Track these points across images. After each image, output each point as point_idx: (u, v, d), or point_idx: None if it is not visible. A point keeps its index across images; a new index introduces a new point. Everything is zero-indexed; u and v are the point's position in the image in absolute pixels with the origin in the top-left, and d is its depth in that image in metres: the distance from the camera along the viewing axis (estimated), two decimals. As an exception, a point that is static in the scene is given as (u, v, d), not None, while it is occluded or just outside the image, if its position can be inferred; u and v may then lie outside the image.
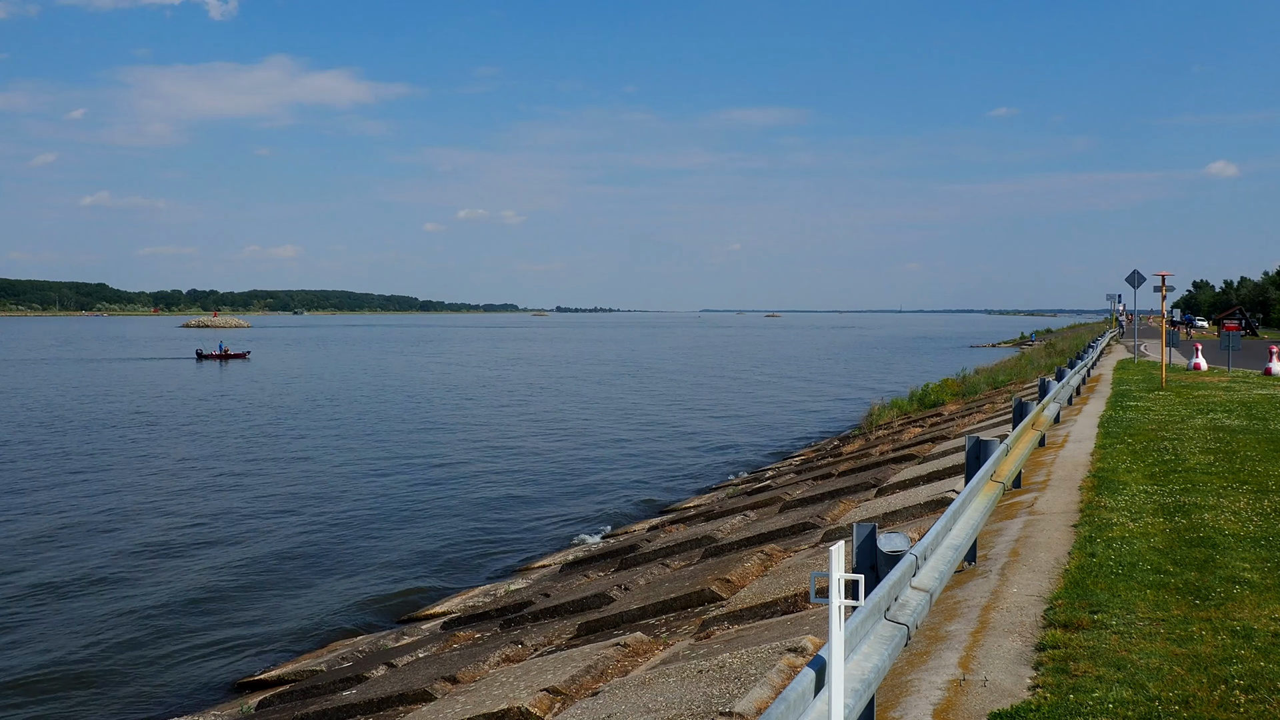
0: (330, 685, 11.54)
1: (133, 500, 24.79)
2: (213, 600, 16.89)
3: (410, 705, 9.36)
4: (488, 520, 22.91)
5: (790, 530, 13.90)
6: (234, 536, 21.20)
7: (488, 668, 9.96)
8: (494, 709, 7.77)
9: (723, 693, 6.49)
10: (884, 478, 17.23)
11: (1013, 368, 45.33)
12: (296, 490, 26.45)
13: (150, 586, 17.58)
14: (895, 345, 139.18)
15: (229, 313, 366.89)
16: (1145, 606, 7.19)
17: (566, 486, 27.22)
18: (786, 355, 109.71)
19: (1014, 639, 6.69)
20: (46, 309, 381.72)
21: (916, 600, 5.70)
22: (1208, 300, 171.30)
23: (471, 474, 29.21)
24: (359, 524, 22.46)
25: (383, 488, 26.87)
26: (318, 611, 16.38)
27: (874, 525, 5.94)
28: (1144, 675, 5.83)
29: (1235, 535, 9.35)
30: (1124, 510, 10.60)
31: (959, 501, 7.61)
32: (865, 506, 14.43)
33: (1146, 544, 9.03)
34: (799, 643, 7.18)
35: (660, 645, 9.11)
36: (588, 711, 6.98)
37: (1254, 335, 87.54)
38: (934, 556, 6.56)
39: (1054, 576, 8.16)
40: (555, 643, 10.85)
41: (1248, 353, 48.09)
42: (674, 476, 29.02)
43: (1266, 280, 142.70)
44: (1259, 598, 7.39)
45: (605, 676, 8.27)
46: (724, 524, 16.58)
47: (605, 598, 12.42)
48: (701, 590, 10.81)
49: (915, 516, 12.34)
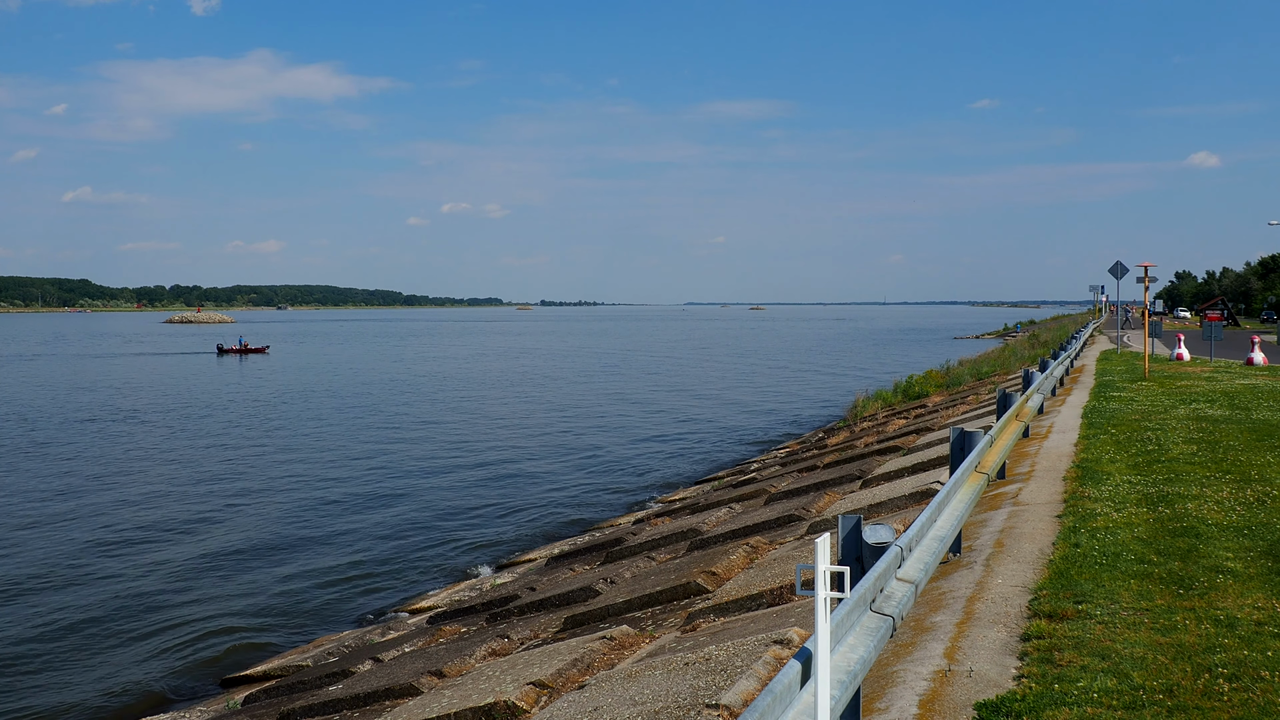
0: (316, 680, 11.49)
1: (125, 493, 24.64)
2: (198, 596, 16.80)
3: (396, 700, 9.33)
4: (472, 514, 22.86)
5: (776, 522, 13.91)
6: (221, 531, 21.11)
7: (474, 662, 9.94)
8: (480, 703, 7.75)
9: (709, 685, 6.49)
10: (869, 469, 17.26)
11: (996, 359, 45.44)
12: (285, 484, 26.34)
13: (136, 580, 17.48)
14: (879, 337, 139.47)
15: (212, 308, 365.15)
16: (1129, 596, 7.22)
17: (552, 480, 27.19)
18: (771, 347, 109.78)
19: (999, 629, 6.71)
20: (29, 305, 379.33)
21: (902, 592, 5.71)
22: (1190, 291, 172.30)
23: (456, 468, 29.15)
24: (345, 518, 22.39)
25: (370, 482, 26.79)
26: (304, 607, 16.33)
27: (859, 517, 5.94)
28: (1128, 664, 5.85)
29: (1218, 525, 9.40)
30: (1108, 501, 10.64)
31: (944, 493, 7.62)
32: (850, 498, 14.45)
33: (1130, 534, 9.07)
34: (785, 635, 7.19)
35: (646, 638, 9.11)
36: (574, 704, 6.97)
37: (1236, 325, 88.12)
38: (919, 548, 6.57)
39: (1039, 567, 8.18)
40: (541, 636, 10.83)
41: (1230, 343, 48.40)
42: (659, 469, 29.02)
43: (1249, 271, 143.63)
44: (1242, 587, 7.42)
45: (592, 669, 8.26)
46: (709, 517, 16.59)
47: (591, 591, 12.41)
48: (687, 583, 10.80)
49: (900, 508, 12.37)
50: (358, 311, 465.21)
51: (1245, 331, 69.19)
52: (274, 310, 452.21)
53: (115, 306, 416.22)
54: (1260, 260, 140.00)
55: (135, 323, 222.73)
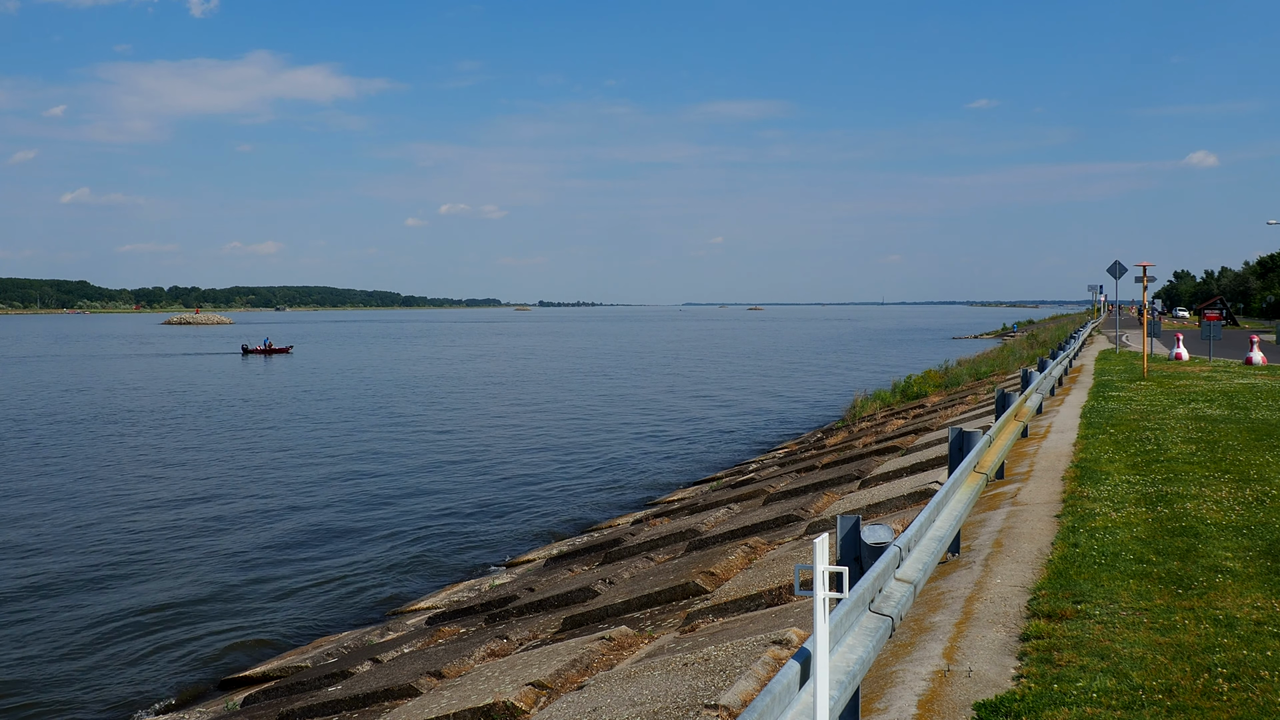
0: (315, 681, 11.49)
1: (130, 495, 24.62)
2: (197, 597, 16.79)
3: (395, 700, 9.33)
4: (471, 516, 22.85)
5: (774, 523, 13.90)
6: (219, 533, 21.09)
7: (473, 662, 9.93)
8: (479, 703, 7.74)
9: (708, 685, 6.48)
10: (867, 470, 17.26)
11: (995, 359, 45.43)
12: (284, 485, 26.33)
13: (135, 582, 17.47)
14: (877, 337, 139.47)
15: (210, 309, 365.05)
16: (1128, 596, 7.21)
17: (550, 480, 27.18)
18: (769, 347, 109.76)
19: (998, 629, 6.71)
20: (27, 307, 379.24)
21: (900, 592, 5.70)
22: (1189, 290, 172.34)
23: (454, 470, 29.13)
24: (344, 519, 22.37)
25: (368, 484, 26.77)
26: (303, 608, 16.32)
27: (858, 517, 5.93)
28: (1127, 664, 5.85)
29: (1217, 524, 9.39)
30: (1107, 500, 10.64)
31: (942, 493, 7.61)
32: (849, 499, 14.44)
33: (1129, 534, 9.07)
34: (784, 635, 7.18)
35: (645, 639, 9.10)
36: (573, 705, 6.96)
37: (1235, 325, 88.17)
38: (918, 548, 6.56)
39: (1037, 567, 8.18)
40: (540, 637, 10.83)
41: (1229, 342, 48.44)
42: (658, 470, 29.01)
43: (1247, 270, 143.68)
44: (1241, 586, 7.42)
45: (590, 670, 8.25)
46: (708, 517, 16.58)
47: (590, 592, 12.41)
48: (686, 583, 10.80)
49: (899, 508, 12.36)
50: (356, 313, 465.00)
51: (1244, 331, 69.23)
52: (272, 311, 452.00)
53: (113, 308, 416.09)
54: (1259, 260, 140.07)
55: (134, 324, 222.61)
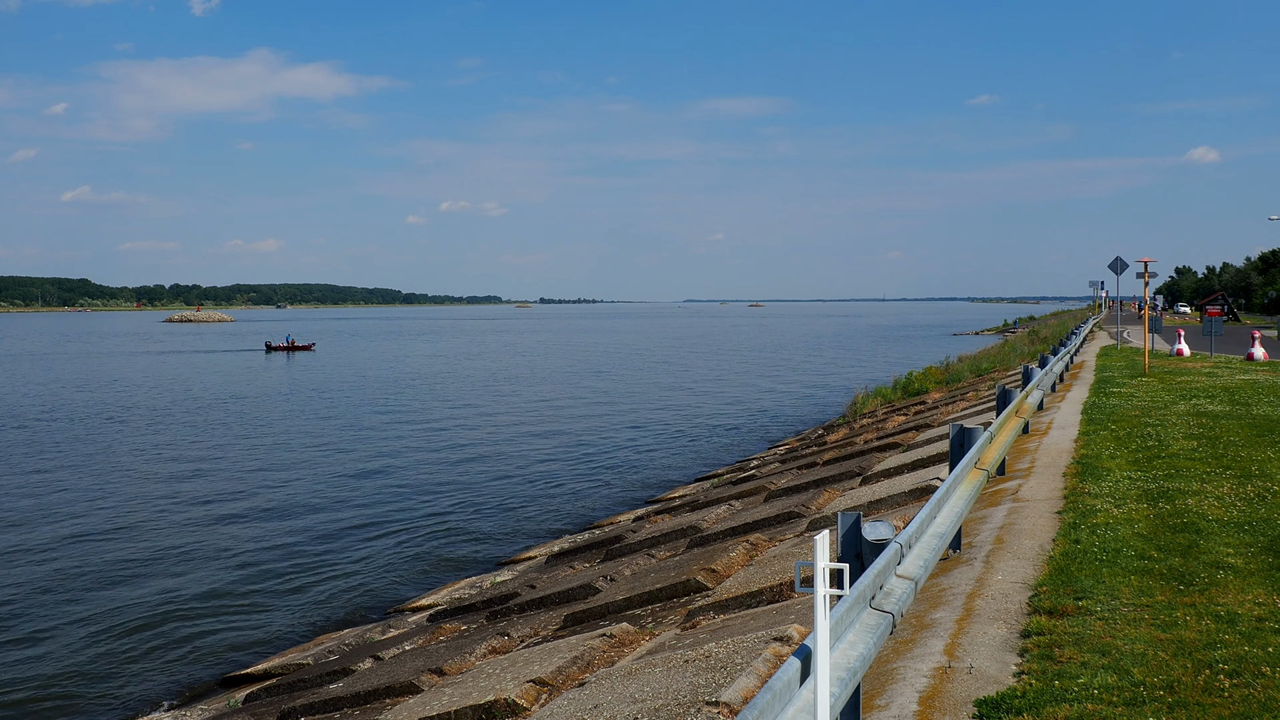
0: (317, 678, 11.49)
1: (131, 495, 24.64)
2: (199, 595, 16.80)
3: (397, 697, 9.33)
4: (472, 513, 22.85)
5: (775, 519, 13.90)
6: (220, 530, 21.10)
7: (474, 659, 9.93)
8: (481, 700, 7.75)
9: (709, 682, 6.48)
10: (868, 466, 17.25)
11: (996, 355, 45.42)
12: (286, 484, 26.34)
13: (136, 579, 17.48)
14: (879, 333, 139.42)
15: (211, 307, 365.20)
16: (1130, 592, 7.20)
17: (551, 477, 27.18)
18: (770, 344, 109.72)
19: (999, 626, 6.70)
20: (29, 305, 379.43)
21: (901, 588, 5.70)
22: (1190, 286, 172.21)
23: (456, 467, 29.13)
24: (345, 517, 22.37)
25: (370, 482, 26.78)
26: (304, 605, 16.33)
27: (859, 514, 5.92)
28: (1129, 661, 5.84)
29: (1219, 520, 9.39)
30: (1108, 496, 10.63)
31: (943, 489, 7.61)
32: (850, 495, 14.43)
33: (1130, 530, 9.06)
34: (785, 632, 7.18)
35: (646, 635, 9.10)
36: (574, 702, 6.96)
37: (1236, 320, 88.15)
38: (919, 544, 6.56)
39: (1039, 563, 8.17)
40: (541, 634, 10.83)
41: (1230, 338, 48.39)
42: (659, 467, 29.01)
43: (1249, 266, 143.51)
44: (1243, 583, 7.42)
45: (592, 667, 8.25)
46: (709, 514, 16.58)
47: (591, 589, 12.41)
48: (687, 580, 10.79)
49: (900, 505, 12.35)
50: (357, 310, 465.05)
51: (1245, 327, 69.15)
52: (273, 309, 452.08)
53: (115, 306, 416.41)
54: (1260, 255, 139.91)
55: (135, 322, 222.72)
